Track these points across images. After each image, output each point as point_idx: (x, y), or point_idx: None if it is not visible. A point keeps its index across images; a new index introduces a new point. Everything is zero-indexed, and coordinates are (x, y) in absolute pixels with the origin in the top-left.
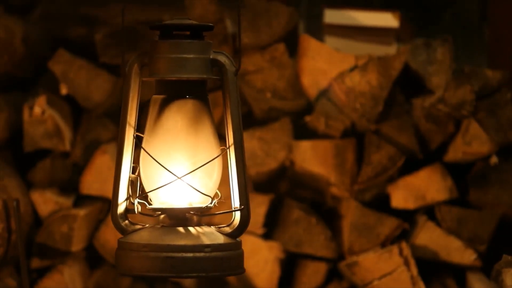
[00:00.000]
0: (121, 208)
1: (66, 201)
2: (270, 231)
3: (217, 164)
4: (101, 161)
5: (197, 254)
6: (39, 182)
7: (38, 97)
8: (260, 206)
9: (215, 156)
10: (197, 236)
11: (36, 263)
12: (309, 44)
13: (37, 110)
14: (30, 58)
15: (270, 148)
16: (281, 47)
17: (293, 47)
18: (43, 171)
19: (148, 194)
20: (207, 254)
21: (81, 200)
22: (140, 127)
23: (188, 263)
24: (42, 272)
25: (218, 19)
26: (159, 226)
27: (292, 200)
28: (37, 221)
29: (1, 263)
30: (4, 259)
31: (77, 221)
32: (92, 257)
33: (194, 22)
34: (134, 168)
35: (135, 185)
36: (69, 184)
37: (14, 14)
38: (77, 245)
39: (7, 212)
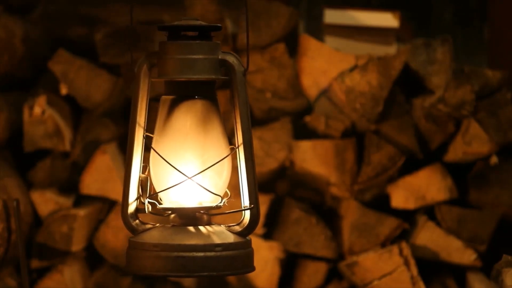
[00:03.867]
0: (131, 208)
1: (66, 201)
2: (270, 231)
3: (227, 163)
4: (101, 161)
5: (208, 253)
6: (39, 182)
7: (38, 97)
8: (260, 206)
9: (225, 155)
10: (208, 235)
11: (36, 263)
12: (309, 44)
13: (37, 110)
14: (30, 58)
15: (270, 148)
16: (281, 47)
17: (293, 47)
18: (43, 171)
19: (159, 193)
20: (218, 253)
21: (81, 200)
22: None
23: (198, 262)
24: (42, 272)
25: (218, 19)
26: (169, 225)
27: (292, 200)
28: (37, 221)
29: (1, 263)
30: (4, 259)
31: (77, 221)
32: (92, 257)
33: (202, 22)
34: (144, 168)
35: (145, 184)
36: (69, 184)
37: (14, 14)
38: (77, 245)
39: (7, 212)
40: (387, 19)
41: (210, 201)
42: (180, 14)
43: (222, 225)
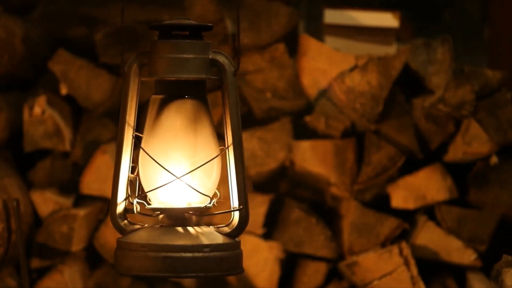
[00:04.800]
0: (120, 208)
1: (66, 201)
2: (270, 231)
3: (216, 164)
4: (101, 161)
5: (196, 254)
6: (39, 182)
7: (38, 97)
8: (260, 206)
9: (214, 156)
10: (196, 236)
11: (36, 263)
12: (309, 44)
13: (37, 110)
14: (30, 58)
15: (270, 148)
16: (281, 47)
17: (293, 47)
18: (43, 171)
19: (147, 194)
20: (206, 254)
21: (81, 200)
22: (138, 127)
23: (187, 263)
24: (42, 272)
25: (218, 19)
26: (158, 226)
27: (292, 200)
28: (37, 221)
29: (1, 263)
30: (4, 259)
31: (77, 221)
32: (92, 257)
33: (193, 22)
34: (133, 168)
35: (134, 185)
36: (69, 184)
37: (14, 14)
38: (77, 245)
39: (7, 212)
40: (387, 19)
41: (199, 201)
42: (180, 14)
43: (211, 226)
